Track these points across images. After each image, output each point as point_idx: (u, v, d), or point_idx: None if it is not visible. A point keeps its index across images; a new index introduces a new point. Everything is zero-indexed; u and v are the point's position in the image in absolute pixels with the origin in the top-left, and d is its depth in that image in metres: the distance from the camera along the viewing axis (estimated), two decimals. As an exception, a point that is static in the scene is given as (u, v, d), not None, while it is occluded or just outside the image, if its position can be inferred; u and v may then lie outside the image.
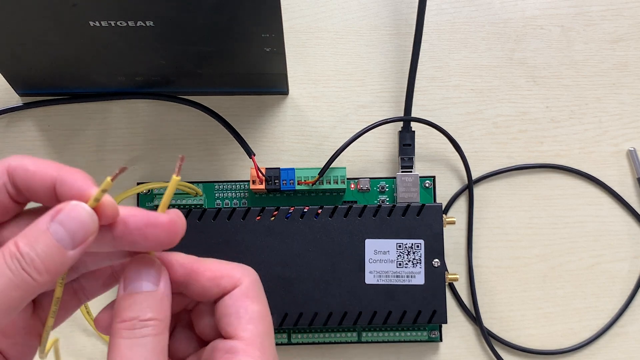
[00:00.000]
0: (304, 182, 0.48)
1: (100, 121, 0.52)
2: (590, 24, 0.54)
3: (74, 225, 0.26)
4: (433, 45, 0.53)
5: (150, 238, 0.27)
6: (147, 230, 0.27)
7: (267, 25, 0.42)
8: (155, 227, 0.27)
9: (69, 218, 0.26)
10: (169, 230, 0.28)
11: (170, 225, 0.28)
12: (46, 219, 0.26)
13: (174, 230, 0.28)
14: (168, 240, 0.28)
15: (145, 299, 0.28)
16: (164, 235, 0.28)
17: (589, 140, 0.53)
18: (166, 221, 0.28)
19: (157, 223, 0.27)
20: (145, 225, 0.27)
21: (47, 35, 0.43)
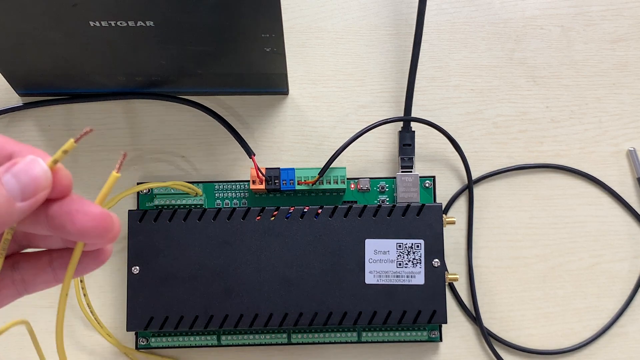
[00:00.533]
0: (304, 182, 0.48)
1: (100, 121, 0.52)
2: (590, 24, 0.54)
3: (26, 178, 0.26)
4: (433, 45, 0.53)
5: (78, 224, 0.27)
6: (77, 215, 0.27)
7: (267, 25, 0.42)
8: (85, 215, 0.27)
9: (22, 170, 0.26)
10: (98, 221, 0.27)
11: (101, 217, 0.27)
12: (1, 169, 0.26)
13: (103, 223, 0.27)
14: (95, 231, 0.27)
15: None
16: (91, 225, 0.27)
17: (589, 140, 0.53)
18: (98, 212, 0.27)
19: (88, 211, 0.27)
20: (76, 210, 0.27)
21: (47, 35, 0.43)
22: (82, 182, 0.51)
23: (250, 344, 0.49)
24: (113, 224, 0.27)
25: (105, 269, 0.50)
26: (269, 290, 0.47)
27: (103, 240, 0.27)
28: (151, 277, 0.47)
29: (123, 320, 0.49)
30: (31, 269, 0.30)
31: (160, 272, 0.47)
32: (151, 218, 0.47)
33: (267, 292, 0.47)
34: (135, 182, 0.51)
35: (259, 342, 0.49)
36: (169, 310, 0.47)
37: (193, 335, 0.49)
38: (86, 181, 0.51)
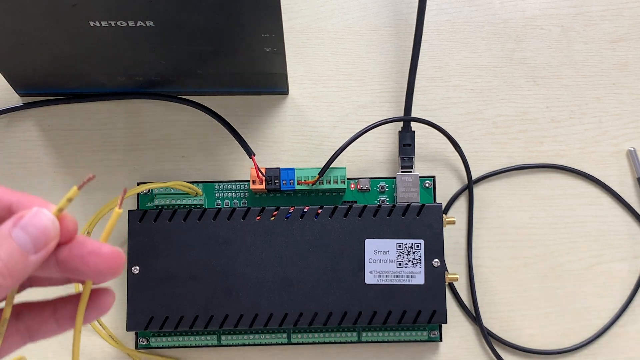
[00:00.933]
0: (304, 182, 0.48)
1: (100, 121, 0.52)
2: (590, 24, 0.54)
3: (35, 231, 0.26)
4: (433, 45, 0.53)
5: (92, 266, 0.28)
6: (90, 258, 0.28)
7: (267, 25, 0.42)
8: (98, 257, 0.28)
9: (30, 223, 0.27)
10: (110, 261, 0.28)
11: (113, 256, 0.28)
12: (8, 224, 0.26)
13: (115, 262, 0.28)
14: (109, 271, 0.28)
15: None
16: (105, 266, 0.28)
17: (589, 140, 0.53)
18: (109, 252, 0.28)
19: (100, 252, 0.28)
20: (88, 253, 0.28)
21: (47, 35, 0.43)
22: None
23: (251, 344, 0.49)
24: (123, 260, 0.28)
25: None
26: (269, 290, 0.47)
27: (115, 276, 0.28)
28: (151, 277, 0.47)
29: (123, 320, 0.49)
30: (35, 319, 0.30)
31: (160, 272, 0.47)
32: (151, 218, 0.47)
33: (267, 292, 0.47)
34: (135, 182, 0.51)
35: (259, 342, 0.49)
36: (169, 310, 0.47)
37: (193, 335, 0.49)
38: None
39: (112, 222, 0.29)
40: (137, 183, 0.51)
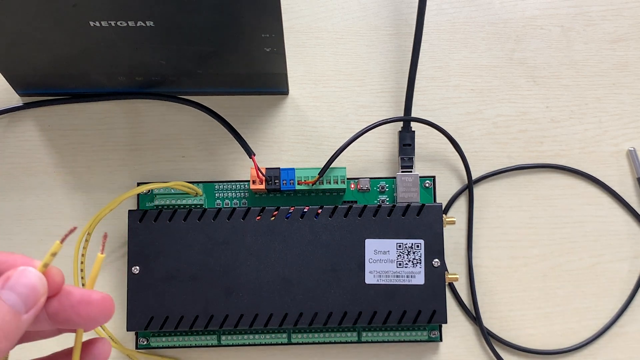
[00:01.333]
0: (304, 182, 0.48)
1: (101, 121, 0.52)
2: (590, 24, 0.54)
3: (24, 290, 0.26)
4: (433, 45, 0.53)
5: (83, 315, 0.28)
6: (81, 307, 0.28)
7: (267, 25, 0.42)
8: (89, 305, 0.28)
9: (18, 283, 0.26)
10: (101, 307, 0.28)
11: (103, 302, 0.28)
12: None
13: (106, 307, 0.28)
14: (101, 317, 0.28)
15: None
16: (96, 312, 0.28)
17: (589, 140, 0.53)
18: (99, 298, 0.28)
19: (90, 300, 0.28)
20: (78, 303, 0.28)
21: (47, 35, 0.43)
22: (81, 182, 0.51)
23: (251, 344, 0.49)
24: (112, 304, 0.28)
25: (105, 269, 0.50)
26: (269, 290, 0.47)
27: (107, 321, 0.28)
28: (151, 277, 0.47)
29: (123, 320, 0.49)
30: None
31: (160, 272, 0.47)
32: (151, 218, 0.47)
33: (267, 292, 0.47)
34: (135, 182, 0.51)
35: (259, 342, 0.49)
36: (169, 310, 0.47)
37: (193, 335, 0.49)
38: (85, 181, 0.51)
39: (96, 267, 0.29)
40: (137, 183, 0.51)
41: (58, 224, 0.51)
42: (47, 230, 0.51)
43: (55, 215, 0.51)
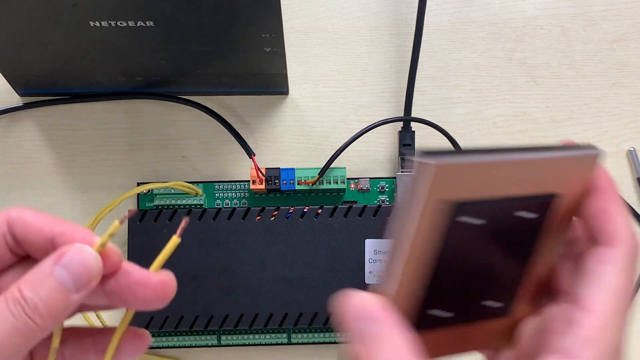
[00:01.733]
0: (304, 182, 0.48)
1: (101, 121, 0.52)
2: (590, 24, 0.54)
3: (77, 268, 0.26)
4: (433, 45, 0.53)
5: (140, 297, 0.27)
6: (137, 288, 0.27)
7: (267, 25, 0.42)
8: (145, 287, 0.27)
9: (73, 261, 0.26)
10: (159, 291, 0.27)
11: (161, 286, 0.27)
12: (49, 262, 0.26)
13: (164, 291, 0.27)
14: (157, 301, 0.27)
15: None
16: (152, 296, 0.27)
17: (589, 140, 0.53)
18: (157, 281, 0.27)
19: (147, 283, 0.27)
20: (135, 284, 0.27)
21: (47, 35, 0.43)
22: (81, 182, 0.51)
23: (251, 343, 0.49)
24: (172, 287, 0.28)
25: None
26: (269, 290, 0.47)
27: (164, 305, 0.28)
28: (151, 277, 0.47)
29: (123, 320, 0.49)
30: (77, 347, 0.30)
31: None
32: (151, 218, 0.47)
33: (267, 292, 0.47)
34: (135, 182, 0.51)
35: (259, 342, 0.49)
36: (169, 310, 0.46)
37: (193, 335, 0.49)
38: (85, 181, 0.51)
39: (167, 250, 0.28)
40: (137, 183, 0.51)
41: (58, 224, 0.51)
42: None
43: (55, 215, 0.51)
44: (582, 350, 0.24)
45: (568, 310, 0.25)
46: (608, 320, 0.25)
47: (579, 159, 0.29)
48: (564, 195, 0.29)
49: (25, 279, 0.25)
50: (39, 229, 0.27)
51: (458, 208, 0.27)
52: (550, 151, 0.28)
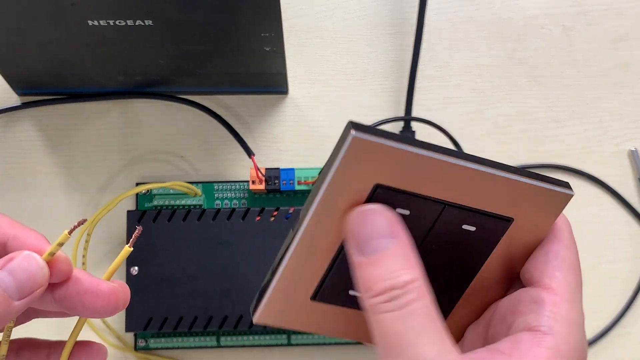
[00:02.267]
0: (304, 182, 0.48)
1: (99, 121, 0.52)
2: (591, 23, 0.54)
3: (23, 276, 0.26)
4: (433, 45, 0.53)
5: (88, 305, 0.27)
6: (86, 297, 0.27)
7: (266, 24, 0.42)
8: (95, 295, 0.27)
9: (19, 268, 0.26)
10: (107, 299, 0.27)
11: (110, 295, 0.27)
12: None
13: (113, 300, 0.27)
14: (105, 310, 0.27)
15: (390, 261, 0.26)
16: (101, 305, 0.27)
17: (590, 140, 0.52)
18: (107, 290, 0.27)
19: (97, 291, 0.27)
20: (84, 292, 0.27)
21: (45, 35, 0.43)
22: (79, 182, 0.51)
23: (250, 345, 0.49)
24: (122, 297, 0.28)
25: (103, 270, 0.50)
26: (269, 291, 0.47)
27: (114, 314, 0.28)
28: (150, 277, 0.47)
29: (122, 321, 0.49)
30: (32, 358, 0.29)
31: (159, 273, 0.47)
32: (150, 218, 0.47)
33: (266, 292, 0.47)
34: (134, 182, 0.51)
35: (259, 343, 0.49)
36: (168, 311, 0.47)
37: (192, 336, 0.49)
38: (83, 181, 0.51)
39: (119, 259, 0.28)
40: (136, 183, 0.51)
41: (56, 225, 0.50)
42: (44, 230, 0.51)
43: (53, 215, 0.51)
44: (552, 325, 0.27)
45: (532, 292, 0.28)
46: (567, 295, 0.28)
47: (548, 193, 0.29)
48: (519, 224, 0.29)
49: None
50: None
51: (378, 190, 0.27)
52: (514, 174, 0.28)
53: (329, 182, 0.26)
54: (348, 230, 0.26)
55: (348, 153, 0.25)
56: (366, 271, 0.26)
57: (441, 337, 0.25)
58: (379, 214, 0.26)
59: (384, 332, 0.25)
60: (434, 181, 0.27)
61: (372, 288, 0.26)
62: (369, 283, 0.26)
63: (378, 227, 0.26)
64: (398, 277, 0.25)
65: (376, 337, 0.26)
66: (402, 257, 0.26)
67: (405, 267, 0.26)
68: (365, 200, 0.27)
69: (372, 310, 0.26)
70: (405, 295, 0.25)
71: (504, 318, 0.29)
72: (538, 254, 0.30)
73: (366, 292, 0.26)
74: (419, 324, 0.25)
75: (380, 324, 0.25)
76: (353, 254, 0.26)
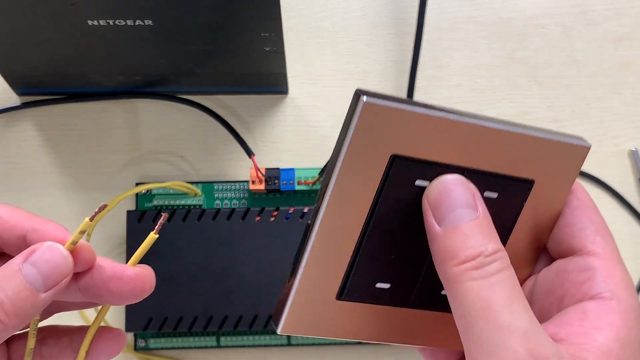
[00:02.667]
0: (304, 182, 0.48)
1: (99, 121, 0.52)
2: (591, 23, 0.54)
3: (47, 267, 0.25)
4: (433, 45, 0.53)
5: (115, 291, 0.27)
6: (112, 282, 0.27)
7: (266, 24, 0.42)
8: (120, 280, 0.27)
9: (42, 259, 0.25)
10: (133, 284, 0.27)
11: (137, 279, 0.27)
12: (19, 259, 0.25)
13: (139, 284, 0.27)
14: (132, 294, 0.27)
15: (475, 230, 0.26)
16: (127, 289, 0.27)
17: (591, 140, 0.52)
18: (132, 274, 0.27)
19: (122, 276, 0.27)
20: (110, 278, 0.27)
21: (45, 34, 0.43)
22: (79, 182, 0.51)
23: (250, 345, 0.49)
24: (148, 281, 0.27)
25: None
26: (269, 291, 0.47)
27: (141, 298, 0.27)
28: (150, 277, 0.47)
29: (122, 321, 0.49)
30: (55, 347, 0.29)
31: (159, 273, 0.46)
32: (150, 218, 0.47)
33: (266, 293, 0.47)
34: (134, 182, 0.51)
35: (259, 344, 0.49)
36: (168, 311, 0.46)
37: (192, 336, 0.49)
38: (84, 181, 0.51)
39: (145, 245, 0.28)
40: (135, 183, 0.51)
41: (56, 225, 0.50)
42: (45, 230, 0.51)
43: (53, 215, 0.51)
44: (613, 289, 0.27)
45: (579, 260, 0.28)
46: (615, 258, 0.29)
47: (565, 147, 0.28)
48: (540, 186, 0.28)
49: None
50: (12, 226, 0.27)
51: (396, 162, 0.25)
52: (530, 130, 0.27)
53: (343, 158, 0.25)
54: (427, 201, 0.26)
55: (360, 121, 0.24)
56: (450, 240, 0.26)
57: (528, 308, 0.25)
58: (460, 185, 0.26)
59: (471, 301, 0.25)
60: (451, 146, 0.26)
61: (458, 256, 0.25)
62: (454, 251, 0.25)
63: (460, 197, 0.26)
64: (485, 245, 0.25)
65: (460, 308, 0.25)
66: (486, 227, 0.26)
67: (490, 237, 0.26)
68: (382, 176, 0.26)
69: (457, 279, 0.25)
70: (493, 263, 0.25)
71: (550, 292, 0.29)
72: (569, 222, 0.29)
73: (450, 260, 0.25)
74: (508, 293, 0.25)
75: (467, 292, 0.25)
76: (433, 225, 0.26)
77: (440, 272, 0.26)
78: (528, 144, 0.27)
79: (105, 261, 0.27)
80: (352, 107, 0.24)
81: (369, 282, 0.27)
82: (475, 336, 0.24)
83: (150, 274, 0.28)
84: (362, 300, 0.28)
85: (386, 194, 0.26)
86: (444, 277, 0.26)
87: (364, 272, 0.27)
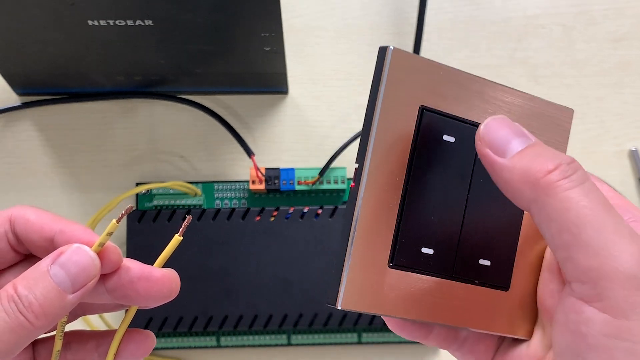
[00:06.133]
0: (304, 182, 0.48)
1: (99, 121, 0.52)
2: (592, 23, 0.54)
3: (75, 269, 0.26)
4: (434, 45, 0.53)
5: (142, 292, 0.27)
6: (140, 284, 0.27)
7: (266, 24, 0.42)
8: (148, 281, 0.27)
9: (70, 261, 0.26)
10: (161, 285, 0.27)
11: (164, 280, 0.27)
12: (47, 261, 0.26)
13: (167, 286, 0.27)
14: (160, 295, 0.27)
15: (542, 147, 0.25)
16: (155, 290, 0.27)
17: (591, 140, 0.52)
18: (160, 275, 0.27)
19: (150, 277, 0.27)
20: (137, 279, 0.27)
21: (45, 35, 0.43)
22: (79, 182, 0.51)
23: (250, 345, 0.49)
24: (175, 282, 0.28)
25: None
26: (269, 291, 0.47)
27: (169, 299, 0.27)
28: (150, 277, 0.47)
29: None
30: (80, 351, 0.29)
31: (159, 273, 0.47)
32: (150, 218, 0.47)
33: (266, 292, 0.47)
34: (134, 182, 0.51)
35: (259, 344, 0.49)
36: (168, 310, 0.46)
37: (192, 336, 0.49)
38: (84, 181, 0.51)
39: (170, 247, 0.28)
40: (136, 183, 0.51)
41: (56, 225, 0.51)
42: (45, 230, 0.51)
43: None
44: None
45: None
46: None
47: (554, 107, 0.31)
48: None
49: (21, 277, 0.25)
50: (39, 228, 0.27)
51: (425, 114, 0.26)
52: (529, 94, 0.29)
53: (379, 113, 0.25)
54: (481, 141, 0.25)
55: (391, 70, 0.25)
56: (523, 161, 0.24)
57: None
58: (508, 120, 0.26)
59: (574, 210, 0.23)
60: (475, 104, 0.27)
61: (542, 168, 0.24)
62: (533, 168, 0.24)
63: (514, 129, 0.25)
64: (560, 156, 0.24)
65: (560, 221, 0.23)
66: (547, 147, 0.25)
67: (557, 151, 0.25)
68: (415, 130, 0.26)
69: (549, 192, 0.24)
70: (578, 171, 0.24)
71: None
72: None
73: (536, 174, 0.24)
74: (603, 198, 0.24)
75: (566, 202, 0.23)
76: (496, 160, 0.25)
77: (522, 198, 0.25)
78: (530, 103, 0.29)
79: (133, 262, 0.27)
80: (379, 61, 0.25)
81: (415, 246, 0.27)
82: (585, 245, 0.23)
83: (176, 276, 0.28)
84: (412, 267, 0.27)
85: (420, 149, 0.26)
86: (530, 199, 0.24)
87: (409, 234, 0.27)
